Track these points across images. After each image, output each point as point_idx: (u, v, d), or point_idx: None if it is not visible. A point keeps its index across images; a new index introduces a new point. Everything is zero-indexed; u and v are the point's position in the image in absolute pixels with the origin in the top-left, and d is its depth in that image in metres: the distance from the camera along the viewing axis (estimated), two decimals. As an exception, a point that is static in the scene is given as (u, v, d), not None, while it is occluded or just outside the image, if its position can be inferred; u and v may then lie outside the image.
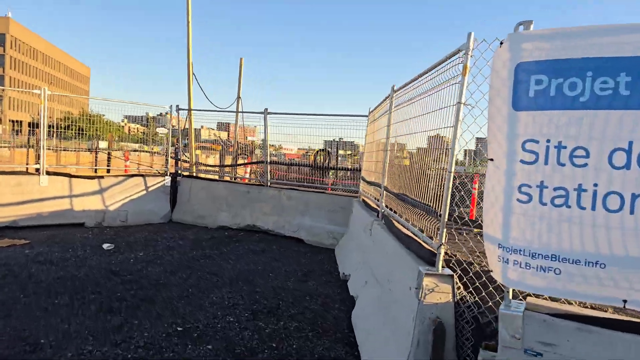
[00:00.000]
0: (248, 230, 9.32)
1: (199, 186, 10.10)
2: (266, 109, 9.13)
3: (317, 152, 15.17)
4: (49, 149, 9.07)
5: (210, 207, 9.86)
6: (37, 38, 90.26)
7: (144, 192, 9.81)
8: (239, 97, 13.73)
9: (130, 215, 9.46)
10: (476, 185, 11.70)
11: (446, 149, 3.21)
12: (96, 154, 15.88)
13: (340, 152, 16.27)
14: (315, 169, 11.85)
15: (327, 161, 14.87)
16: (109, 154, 14.96)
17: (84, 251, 7.05)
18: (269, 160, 9.29)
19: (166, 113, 9.98)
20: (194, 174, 10.51)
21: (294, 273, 6.44)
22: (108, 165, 13.94)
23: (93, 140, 14.83)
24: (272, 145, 11.80)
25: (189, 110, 10.28)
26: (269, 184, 9.39)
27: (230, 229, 9.43)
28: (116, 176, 9.50)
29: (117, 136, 17.76)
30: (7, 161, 16.57)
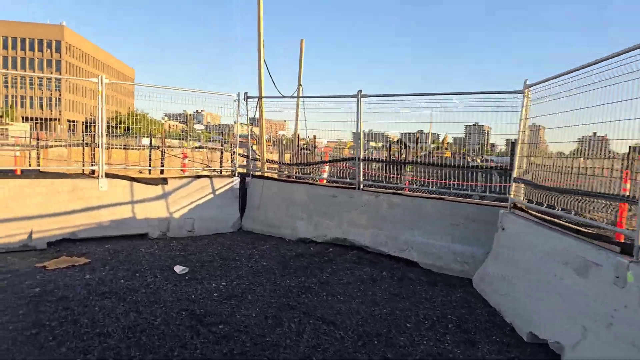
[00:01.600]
0: (337, 245, 7.65)
1: (272, 189, 8.54)
2: (360, 91, 7.37)
3: (391, 144, 13.33)
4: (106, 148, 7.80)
5: (286, 214, 8.27)
6: (87, 43, 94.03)
7: (211, 196, 8.37)
8: (300, 85, 12.02)
9: (198, 224, 8.05)
10: None
11: None
12: (150, 152, 14.83)
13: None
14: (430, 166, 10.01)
15: (405, 155, 12.97)
16: (162, 151, 13.80)
17: (154, 277, 5.62)
18: (361, 157, 7.54)
19: (234, 101, 8.47)
20: (265, 174, 8.96)
21: (440, 323, 4.66)
22: (162, 165, 12.72)
23: (139, 138, 13.80)
24: (303, 139, 10.02)
25: (260, 98, 8.70)
26: (361, 186, 7.65)
27: (313, 243, 7.80)
28: (180, 178, 8.11)
29: (159, 133, 16.84)
30: (64, 160, 15.90)
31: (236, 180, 8.61)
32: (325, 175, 9.09)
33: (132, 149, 12.55)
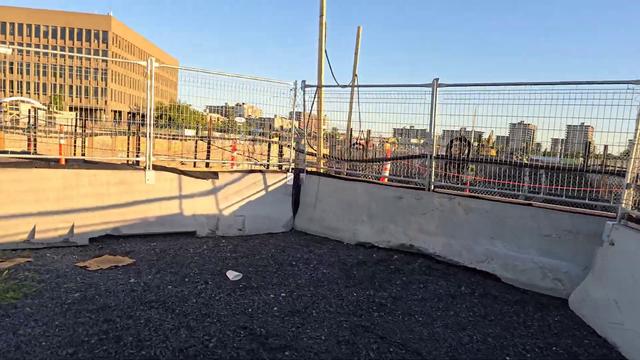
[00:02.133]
0: (402, 252, 6.77)
1: (329, 187, 7.74)
2: (436, 80, 6.42)
3: (452, 142, 12.18)
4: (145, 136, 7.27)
5: (344, 216, 7.46)
6: (133, 34, 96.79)
7: (263, 192, 7.69)
8: (355, 75, 11.12)
9: (248, 222, 7.40)
10: None
11: None
12: (196, 143, 14.46)
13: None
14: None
15: (467, 153, 11.84)
16: (209, 142, 13.36)
17: (205, 283, 4.98)
18: (433, 154, 6.59)
19: (291, 90, 7.73)
20: (321, 170, 8.18)
21: (547, 356, 3.74)
22: (207, 157, 12.23)
23: (182, 129, 13.45)
24: (335, 131, 9.14)
25: (319, 87, 7.91)
26: (432, 187, 6.71)
27: (375, 249, 6.95)
28: (231, 172, 7.48)
29: (201, 125, 16.51)
30: (108, 149, 15.85)
31: (290, 176, 7.89)
32: (386, 173, 8.22)
33: (177, 138, 12.14)
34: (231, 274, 5.22)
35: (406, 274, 5.83)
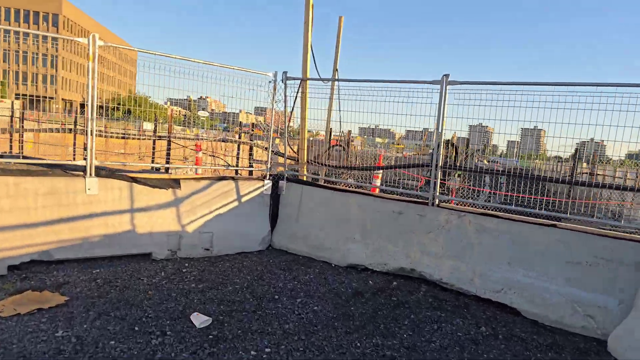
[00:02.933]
0: (401, 276, 5.78)
1: (315, 198, 6.63)
2: (446, 76, 5.45)
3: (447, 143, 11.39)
4: (98, 135, 5.86)
5: (333, 232, 6.38)
6: (87, 18, 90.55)
7: (235, 203, 6.46)
8: (335, 70, 10.04)
9: (217, 240, 6.15)
10: None
11: None
12: (153, 143, 12.85)
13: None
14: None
15: (454, 159, 11.08)
16: (169, 141, 11.84)
17: (162, 334, 3.74)
18: (439, 162, 5.63)
19: (270, 82, 6.52)
20: (305, 178, 7.03)
21: None
22: (167, 159, 10.77)
23: (141, 123, 11.94)
24: (310, 132, 8.40)
25: (303, 80, 6.74)
26: (437, 201, 5.75)
27: (370, 272, 5.92)
28: (196, 179, 6.18)
29: (161, 118, 14.90)
30: (57, 146, 13.92)
31: (268, 184, 6.70)
32: (378, 182, 7.21)
33: (133, 138, 10.56)
34: (197, 319, 4.00)
35: (413, 309, 4.83)
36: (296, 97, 6.67)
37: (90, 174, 5.36)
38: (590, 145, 7.54)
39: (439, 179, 5.76)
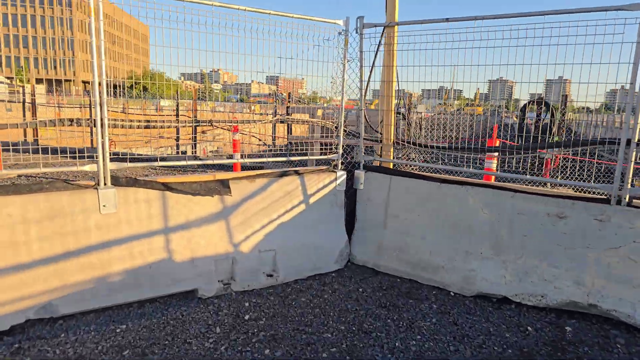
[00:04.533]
0: (572, 314, 3.93)
1: (412, 193, 4.76)
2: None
3: (526, 105, 9.16)
4: (112, 125, 4.14)
5: (444, 243, 4.55)
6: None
7: (301, 207, 4.70)
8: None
9: (282, 260, 4.44)
10: None
11: None
12: (177, 131, 11.12)
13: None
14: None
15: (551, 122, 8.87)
16: (194, 128, 10.05)
17: None
18: (637, 135, 3.60)
19: (340, 33, 4.57)
20: (394, 166, 5.13)
21: None
22: (194, 147, 9.00)
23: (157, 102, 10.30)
24: (323, 97, 6.81)
25: (389, 26, 4.69)
26: (626, 198, 3.77)
27: (516, 308, 4.09)
28: (251, 178, 4.39)
29: (174, 93, 13.26)
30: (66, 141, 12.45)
31: (342, 176, 4.88)
32: (493, 165, 5.25)
33: (152, 125, 8.75)
34: None
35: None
36: (377, 51, 4.69)
37: (105, 183, 3.67)
38: None
39: (632, 163, 3.72)
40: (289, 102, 16.15)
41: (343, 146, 4.98)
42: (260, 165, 6.48)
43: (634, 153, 3.75)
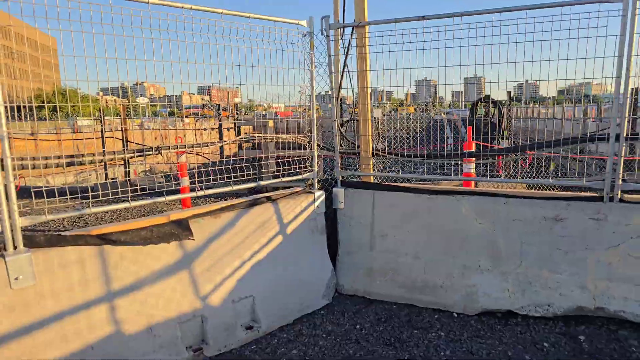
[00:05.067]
0: (580, 320, 3.61)
1: (399, 208, 4.20)
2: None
3: (476, 104, 9.14)
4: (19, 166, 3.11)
5: (439, 259, 4.05)
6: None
7: (278, 238, 3.94)
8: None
9: (262, 306, 3.66)
10: None
11: None
12: (102, 147, 9.69)
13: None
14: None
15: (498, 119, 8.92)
16: (124, 142, 8.87)
17: None
18: (624, 130, 3.34)
19: (304, 35, 3.88)
20: (376, 181, 4.53)
21: None
22: (126, 170, 7.87)
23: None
24: (261, 105, 6.69)
25: (359, 26, 4.07)
26: (618, 194, 3.51)
27: (522, 321, 3.71)
28: (215, 213, 3.53)
29: (96, 110, 11.87)
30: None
31: (320, 197, 4.20)
32: (472, 169, 4.86)
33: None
34: None
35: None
36: (347, 54, 4.07)
37: (15, 247, 2.65)
38: None
39: (622, 157, 3.48)
40: (228, 113, 15.09)
41: (319, 163, 4.29)
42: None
43: (624, 148, 3.52)
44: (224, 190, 3.67)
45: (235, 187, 3.68)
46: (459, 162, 4.80)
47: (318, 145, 4.30)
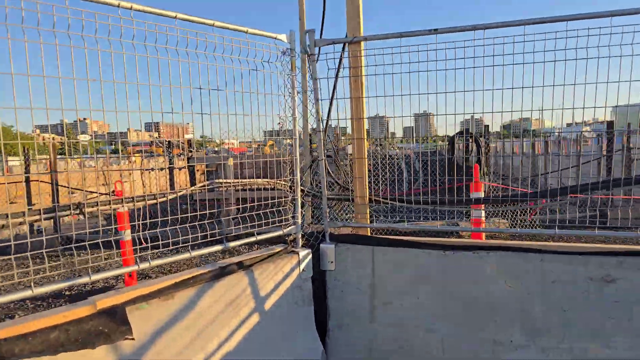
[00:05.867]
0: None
1: (406, 271, 3.34)
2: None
3: (454, 137, 8.68)
4: None
5: (459, 334, 3.21)
6: None
7: (253, 318, 2.94)
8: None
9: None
10: None
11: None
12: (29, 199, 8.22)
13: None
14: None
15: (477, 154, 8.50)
16: (53, 189, 7.55)
17: None
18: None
19: (284, 53, 3.09)
20: (370, 232, 3.66)
21: None
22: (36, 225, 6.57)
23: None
24: (211, 141, 6.30)
25: (353, 42, 3.30)
26: None
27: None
28: (163, 293, 2.51)
29: (30, 149, 10.50)
30: None
31: (306, 258, 3.28)
32: (482, 214, 4.14)
33: None
34: None
35: None
36: (337, 77, 3.31)
37: None
38: None
39: None
40: (183, 150, 13.89)
41: (302, 214, 3.39)
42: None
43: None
44: (177, 258, 2.66)
45: (196, 253, 2.69)
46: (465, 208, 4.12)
47: (302, 190, 3.42)
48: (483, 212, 4.20)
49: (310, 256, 3.35)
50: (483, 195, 4.67)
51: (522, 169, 10.99)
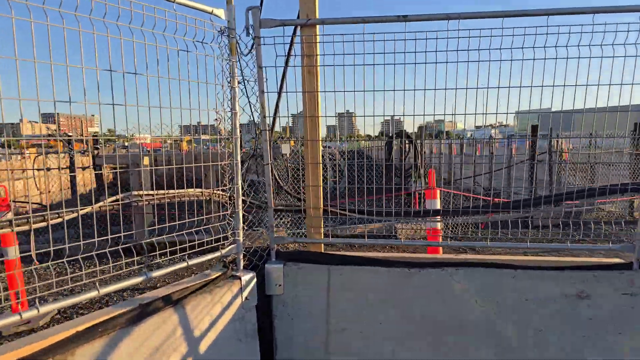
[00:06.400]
0: None
1: (366, 292, 2.93)
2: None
3: (390, 140, 8.55)
4: None
5: (426, 357, 2.87)
6: None
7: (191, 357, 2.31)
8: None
9: None
10: None
11: None
12: None
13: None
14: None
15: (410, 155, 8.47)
16: None
17: None
18: None
19: (222, 32, 2.51)
20: (323, 248, 3.18)
21: None
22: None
23: None
24: (121, 136, 5.68)
25: (306, 25, 2.80)
26: None
27: None
28: (60, 349, 1.81)
29: None
30: None
31: (250, 283, 2.71)
32: (438, 225, 3.82)
33: None
34: None
35: None
36: (286, 62, 2.80)
37: None
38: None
39: None
40: (91, 145, 12.27)
41: (244, 230, 2.81)
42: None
43: None
44: (81, 299, 1.96)
45: (106, 290, 2.01)
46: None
47: (244, 201, 2.84)
48: (439, 223, 3.95)
49: (254, 280, 2.80)
50: (439, 202, 4.45)
51: (453, 170, 11.34)
